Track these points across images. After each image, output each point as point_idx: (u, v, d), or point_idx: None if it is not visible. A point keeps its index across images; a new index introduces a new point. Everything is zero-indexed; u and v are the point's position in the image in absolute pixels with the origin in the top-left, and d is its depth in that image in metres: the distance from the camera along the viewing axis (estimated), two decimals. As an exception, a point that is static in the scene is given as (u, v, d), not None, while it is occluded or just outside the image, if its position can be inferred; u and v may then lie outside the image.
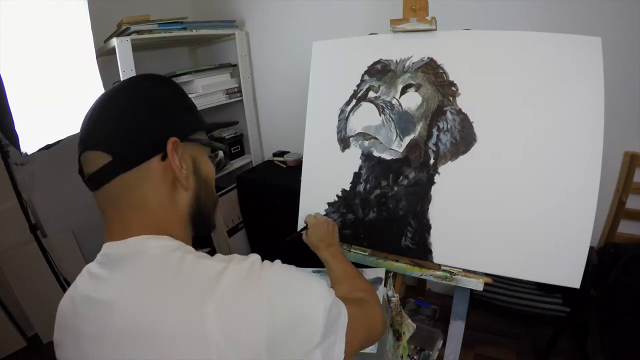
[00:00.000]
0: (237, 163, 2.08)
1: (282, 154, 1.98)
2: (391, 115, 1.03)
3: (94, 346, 0.44)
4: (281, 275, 0.46)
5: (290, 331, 0.43)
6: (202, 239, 0.56)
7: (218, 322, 0.39)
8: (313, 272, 1.04)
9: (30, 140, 1.25)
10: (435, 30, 1.00)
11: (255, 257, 0.47)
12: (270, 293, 0.43)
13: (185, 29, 1.70)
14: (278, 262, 0.49)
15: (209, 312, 0.39)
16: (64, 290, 1.59)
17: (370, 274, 0.97)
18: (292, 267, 0.50)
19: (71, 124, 1.45)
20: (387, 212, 1.04)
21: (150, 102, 0.52)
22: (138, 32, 1.53)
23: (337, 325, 0.49)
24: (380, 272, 0.96)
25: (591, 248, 0.97)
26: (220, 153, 0.64)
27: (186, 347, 0.38)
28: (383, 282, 0.92)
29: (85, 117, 0.52)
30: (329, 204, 1.13)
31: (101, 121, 0.50)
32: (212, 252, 0.50)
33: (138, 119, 0.50)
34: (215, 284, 0.41)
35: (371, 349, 0.73)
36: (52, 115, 1.37)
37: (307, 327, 0.45)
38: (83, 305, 0.47)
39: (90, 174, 0.50)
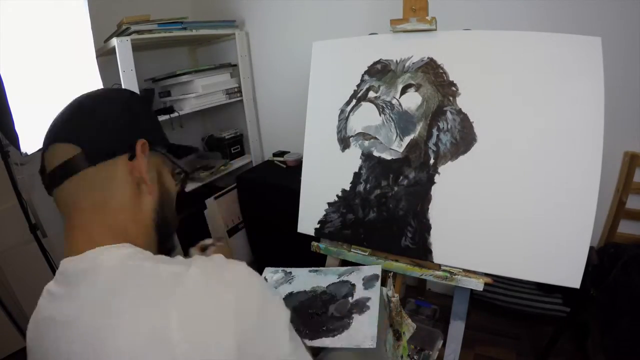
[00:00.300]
0: (237, 163, 2.08)
1: (282, 154, 1.98)
2: (391, 115, 1.03)
3: None
4: (246, 277, 0.45)
5: (259, 335, 0.42)
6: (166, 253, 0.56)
7: (182, 328, 0.37)
8: (310, 271, 1.04)
9: (30, 140, 1.25)
10: (435, 30, 1.00)
11: (219, 257, 0.46)
12: (237, 294, 0.41)
13: (185, 29, 1.70)
14: (243, 263, 0.47)
15: (172, 317, 0.37)
16: (64, 290, 1.59)
17: (367, 271, 0.97)
18: (253, 271, 0.47)
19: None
20: (387, 212, 1.04)
21: (124, 105, 0.53)
22: (138, 32, 1.53)
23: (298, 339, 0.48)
24: (377, 270, 0.96)
25: (591, 248, 0.97)
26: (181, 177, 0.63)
27: (154, 357, 0.37)
28: (380, 280, 0.92)
29: (58, 113, 0.52)
30: (329, 204, 1.13)
31: (74, 115, 0.51)
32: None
33: (111, 115, 0.51)
34: (176, 285, 0.40)
35: (370, 344, 0.73)
36: (52, 115, 1.37)
37: (275, 329, 0.44)
38: (45, 327, 0.46)
39: (55, 167, 0.48)
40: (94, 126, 0.49)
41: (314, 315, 0.85)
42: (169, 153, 0.58)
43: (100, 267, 0.44)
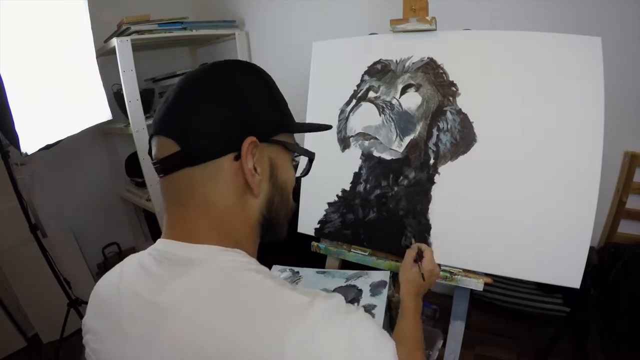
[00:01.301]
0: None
1: (282, 154, 1.98)
2: (391, 115, 1.03)
3: (139, 350, 0.41)
4: (366, 325, 0.42)
5: None
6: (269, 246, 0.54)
7: (297, 356, 0.36)
8: (317, 272, 1.03)
9: (30, 140, 1.25)
10: (435, 30, 1.00)
11: (340, 298, 0.44)
12: (352, 339, 0.39)
13: (185, 29, 1.70)
14: (361, 309, 0.45)
15: (288, 347, 0.36)
16: (64, 290, 1.60)
17: (375, 276, 0.96)
18: (375, 322, 0.46)
19: (71, 124, 1.45)
20: (387, 212, 1.04)
21: (233, 94, 0.46)
22: (138, 32, 1.53)
23: None
24: (385, 276, 0.95)
25: (591, 248, 0.97)
26: (304, 161, 0.58)
27: None
28: (388, 286, 0.92)
29: (165, 97, 0.48)
30: (329, 204, 1.13)
31: (177, 107, 0.46)
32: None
33: (215, 112, 0.45)
34: (299, 317, 0.38)
35: None
36: (52, 115, 1.38)
37: None
38: (132, 303, 0.44)
39: (158, 159, 0.46)
40: (195, 124, 0.44)
41: None
42: (291, 142, 0.52)
43: (216, 264, 0.42)
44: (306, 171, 0.58)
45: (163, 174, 0.46)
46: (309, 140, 1.19)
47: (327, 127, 0.60)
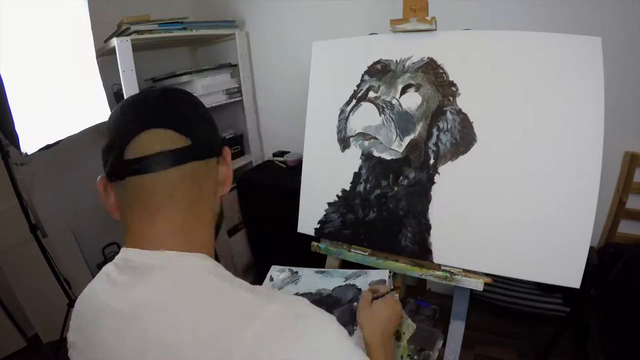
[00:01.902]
0: (237, 163, 2.08)
1: (282, 154, 1.98)
2: (391, 115, 1.03)
3: (108, 356, 0.43)
4: (326, 333, 0.41)
5: None
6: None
7: (247, 352, 0.37)
8: (316, 272, 1.03)
9: (30, 140, 1.25)
10: (435, 30, 1.00)
11: (300, 302, 0.44)
12: (305, 346, 0.39)
13: (185, 29, 1.70)
14: (325, 315, 0.43)
15: (239, 348, 0.37)
16: (64, 290, 1.60)
17: (374, 275, 0.96)
18: (342, 331, 0.43)
19: (71, 124, 1.45)
20: (387, 212, 1.04)
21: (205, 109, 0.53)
22: (138, 32, 1.53)
23: None
24: (384, 275, 0.95)
25: (591, 248, 0.97)
26: None
27: None
28: (387, 284, 0.92)
29: (149, 96, 0.49)
30: (329, 204, 1.13)
31: (181, 105, 0.49)
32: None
33: (210, 118, 0.52)
34: (252, 319, 0.39)
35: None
36: (52, 115, 1.37)
37: None
38: (98, 313, 0.45)
39: (161, 152, 0.45)
40: (202, 123, 0.50)
41: None
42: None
43: (176, 268, 0.44)
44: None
45: (158, 168, 0.45)
46: (309, 140, 1.19)
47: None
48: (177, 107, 0.49)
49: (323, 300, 0.92)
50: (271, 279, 1.02)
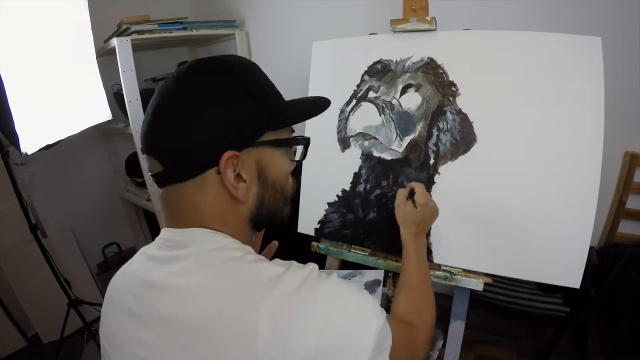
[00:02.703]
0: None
1: (282, 154, 1.98)
2: (391, 115, 1.03)
3: (138, 324, 0.45)
4: (337, 289, 0.45)
5: (339, 347, 0.42)
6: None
7: (270, 325, 0.39)
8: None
9: (30, 140, 1.25)
10: (435, 30, 1.00)
11: (312, 266, 0.47)
12: (325, 306, 0.42)
13: (185, 29, 1.70)
14: (335, 275, 0.47)
15: (262, 314, 0.39)
16: (64, 290, 1.60)
17: (369, 275, 0.96)
18: (348, 283, 0.48)
19: (71, 124, 1.45)
20: (387, 212, 1.04)
21: (206, 105, 0.45)
22: (138, 32, 1.53)
23: (384, 347, 0.46)
24: (379, 275, 0.95)
25: (591, 248, 0.97)
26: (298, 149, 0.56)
27: (235, 343, 0.39)
28: (382, 284, 0.92)
29: (146, 113, 0.49)
30: (329, 204, 1.13)
31: (155, 126, 0.47)
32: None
33: (191, 131, 0.45)
34: (272, 287, 0.41)
35: None
36: (52, 115, 1.38)
37: (356, 346, 0.43)
38: (134, 284, 0.48)
39: (151, 174, 0.49)
40: (175, 145, 0.45)
41: None
42: (278, 136, 0.51)
43: (204, 245, 0.46)
44: (304, 155, 0.57)
45: (158, 186, 0.50)
46: (309, 140, 1.19)
47: (325, 103, 0.58)
48: (158, 122, 0.47)
49: None
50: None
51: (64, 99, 1.41)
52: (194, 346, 0.40)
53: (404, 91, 1.02)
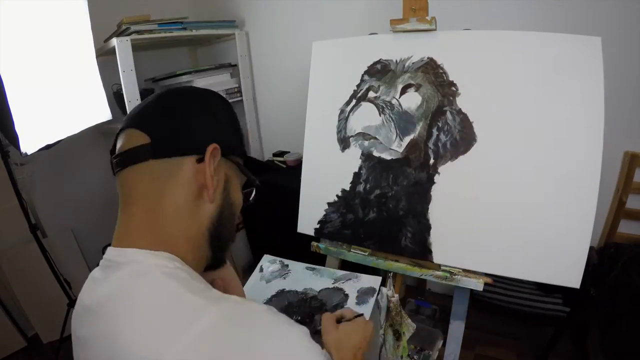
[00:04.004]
0: (237, 163, 2.08)
1: (282, 154, 1.98)
2: (391, 115, 1.03)
3: (83, 349, 0.45)
4: (277, 345, 0.39)
5: None
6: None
7: None
8: (306, 268, 1.02)
9: (30, 140, 1.25)
10: (435, 30, 1.00)
11: (250, 309, 0.42)
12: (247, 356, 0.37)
13: (185, 29, 1.70)
14: (286, 324, 0.41)
15: (172, 350, 0.36)
16: (64, 290, 1.60)
17: (364, 281, 0.94)
18: (298, 339, 0.41)
19: (71, 124, 1.45)
20: (387, 212, 1.04)
21: (204, 106, 0.51)
22: (138, 32, 1.53)
23: None
24: (376, 283, 0.92)
25: (591, 248, 0.97)
26: (253, 191, 0.59)
27: None
28: (376, 293, 0.89)
29: (143, 100, 0.53)
30: (329, 204, 1.13)
31: (152, 106, 0.50)
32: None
33: (187, 114, 0.49)
34: (190, 322, 0.37)
35: None
36: (52, 115, 1.37)
37: None
38: (79, 308, 0.48)
39: (123, 150, 0.48)
40: (169, 120, 0.48)
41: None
42: (244, 166, 0.55)
43: (134, 269, 0.44)
44: (255, 199, 0.60)
45: (122, 166, 0.47)
46: (309, 140, 1.19)
47: (256, 185, 0.60)
48: (155, 107, 0.50)
49: (308, 302, 0.90)
50: (261, 270, 1.01)
51: (64, 99, 1.41)
52: None
53: (403, 91, 1.02)
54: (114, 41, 1.48)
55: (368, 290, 0.90)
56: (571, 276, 0.85)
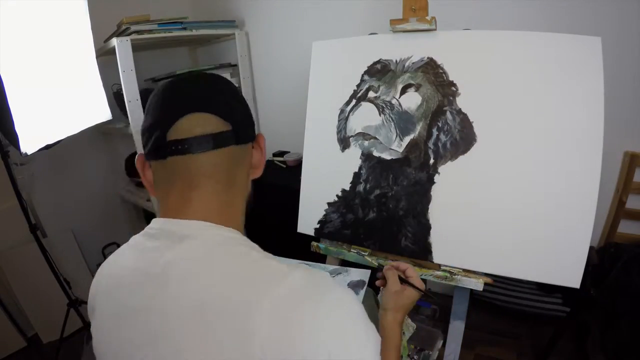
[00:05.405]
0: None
1: (282, 154, 1.98)
2: (391, 115, 1.03)
3: (140, 318, 0.44)
4: (346, 312, 0.44)
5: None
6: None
7: (269, 323, 0.39)
8: (299, 263, 1.02)
9: (30, 140, 1.25)
10: (435, 30, 1.00)
11: (322, 274, 0.46)
12: (327, 322, 0.41)
13: (185, 29, 1.70)
14: (343, 289, 0.47)
15: (264, 307, 0.39)
16: (64, 290, 1.60)
17: (354, 275, 0.95)
18: (360, 307, 0.46)
19: (71, 124, 1.45)
20: (387, 212, 1.04)
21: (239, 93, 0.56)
22: (138, 32, 1.53)
23: None
24: (365, 276, 0.93)
25: (591, 248, 0.97)
26: None
27: (231, 337, 0.39)
28: (366, 285, 0.90)
29: (191, 81, 0.53)
30: (329, 204, 1.13)
31: (223, 92, 0.52)
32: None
33: (247, 105, 0.55)
34: (278, 283, 0.41)
35: None
36: (52, 115, 1.37)
37: None
38: (130, 278, 0.47)
39: (204, 134, 0.47)
40: (241, 109, 0.53)
41: None
42: None
43: (206, 237, 0.46)
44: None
45: (200, 149, 0.48)
46: (309, 140, 1.19)
47: None
48: (219, 93, 0.51)
49: None
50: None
51: (64, 99, 1.41)
52: (190, 333, 0.40)
53: (403, 91, 1.02)
54: (114, 41, 1.48)
55: (358, 284, 0.91)
56: (571, 276, 0.85)
